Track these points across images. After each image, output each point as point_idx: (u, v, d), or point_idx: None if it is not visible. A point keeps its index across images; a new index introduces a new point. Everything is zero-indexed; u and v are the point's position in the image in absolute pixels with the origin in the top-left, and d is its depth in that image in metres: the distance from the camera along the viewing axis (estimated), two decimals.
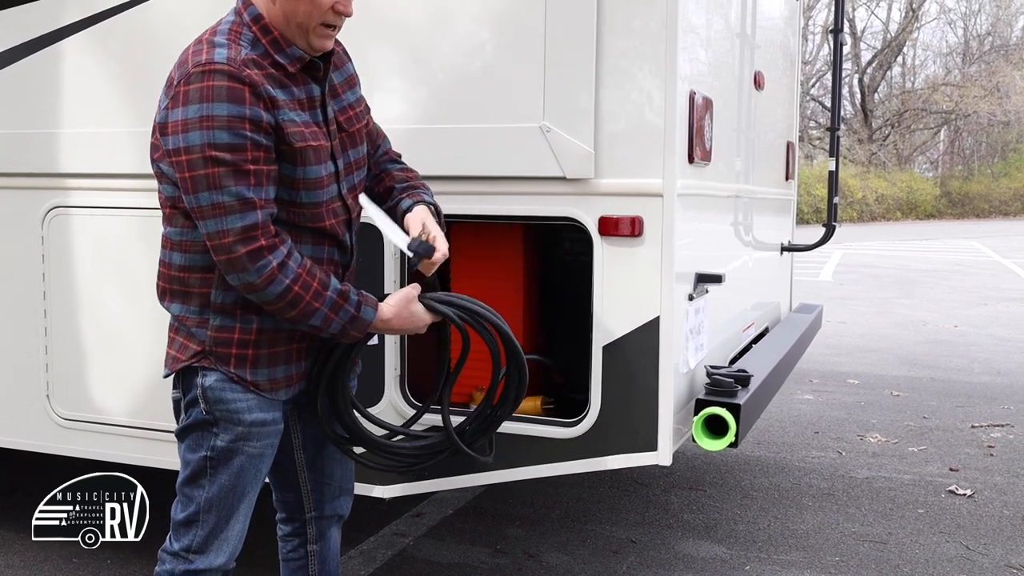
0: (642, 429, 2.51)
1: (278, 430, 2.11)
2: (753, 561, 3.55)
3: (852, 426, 5.58)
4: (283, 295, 1.92)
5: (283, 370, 2.08)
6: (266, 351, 2.05)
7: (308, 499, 2.35)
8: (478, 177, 2.61)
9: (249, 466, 2.07)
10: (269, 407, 2.07)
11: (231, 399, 2.03)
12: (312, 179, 2.00)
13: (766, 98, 3.86)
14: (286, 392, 2.10)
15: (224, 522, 2.08)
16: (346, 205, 2.12)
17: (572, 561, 3.52)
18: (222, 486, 2.06)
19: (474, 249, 3.03)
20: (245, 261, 1.88)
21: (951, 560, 3.58)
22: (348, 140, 2.13)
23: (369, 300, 2.06)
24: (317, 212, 2.04)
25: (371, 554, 3.55)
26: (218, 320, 2.02)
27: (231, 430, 2.04)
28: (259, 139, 1.89)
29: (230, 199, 1.87)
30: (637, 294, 2.50)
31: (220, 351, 2.02)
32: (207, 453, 2.05)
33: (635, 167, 2.49)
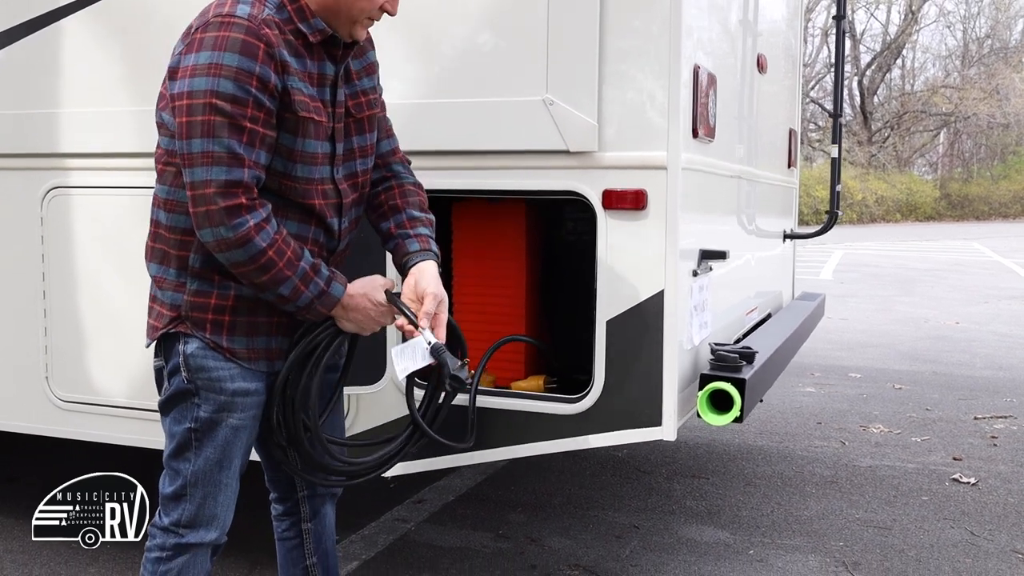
0: (646, 404, 2.49)
1: (260, 401, 2.07)
2: (757, 546, 3.53)
3: (854, 417, 5.56)
4: (256, 258, 1.89)
5: (263, 341, 2.05)
6: (245, 319, 2.02)
7: (300, 478, 2.33)
8: (481, 152, 2.59)
9: (234, 438, 2.04)
10: (251, 377, 2.04)
11: (213, 367, 2.00)
12: (308, 153, 1.98)
13: (769, 83, 3.85)
14: (267, 364, 2.06)
15: (212, 495, 2.05)
16: (338, 189, 2.08)
17: (575, 545, 3.50)
18: (208, 458, 2.03)
19: (477, 228, 3.02)
20: (223, 215, 1.86)
21: (956, 545, 3.56)
22: (355, 126, 2.11)
23: (339, 277, 2.03)
24: (308, 189, 2.01)
25: (372, 539, 3.53)
26: (195, 285, 2.00)
27: (213, 400, 2.01)
28: (263, 99, 1.87)
29: (220, 150, 1.85)
30: (641, 268, 2.48)
31: (196, 316, 2.00)
32: (191, 425, 2.03)
33: (639, 140, 2.47)
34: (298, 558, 2.37)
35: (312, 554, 2.37)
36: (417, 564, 3.31)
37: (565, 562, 3.35)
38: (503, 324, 3.01)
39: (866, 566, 3.35)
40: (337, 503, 2.46)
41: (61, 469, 4.23)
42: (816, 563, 3.37)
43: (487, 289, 3.03)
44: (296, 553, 2.37)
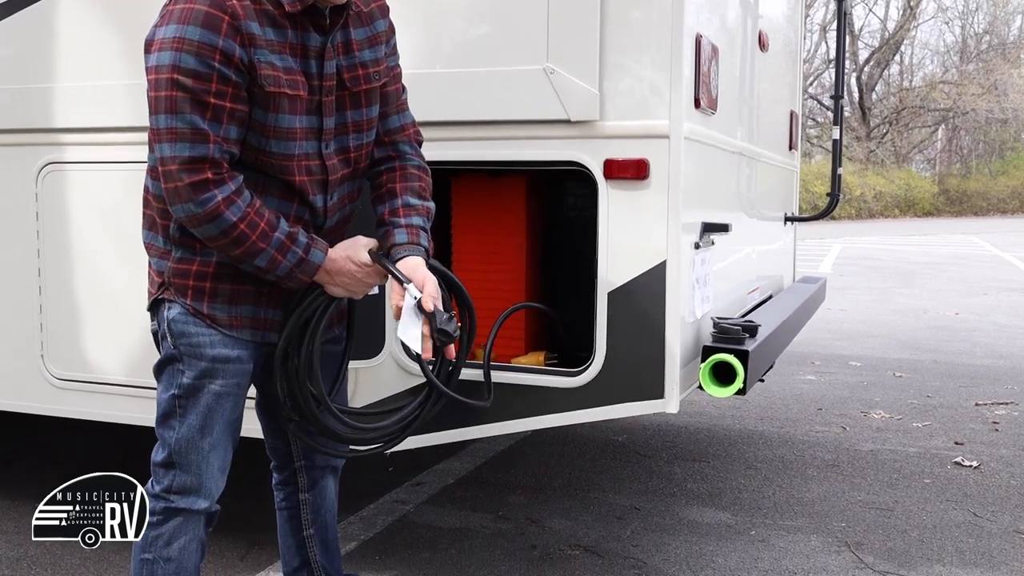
0: (648, 376, 2.47)
1: (245, 370, 2.05)
2: (759, 527, 3.50)
3: (855, 404, 5.54)
4: (227, 231, 1.87)
5: (249, 310, 2.03)
6: (228, 286, 2.00)
7: (296, 447, 2.31)
8: (480, 122, 2.56)
9: (216, 405, 2.02)
10: (234, 344, 2.02)
11: (193, 333, 1.99)
12: (283, 128, 1.93)
13: (770, 62, 3.82)
14: (252, 334, 2.04)
15: (199, 464, 2.03)
16: (325, 166, 2.03)
17: (575, 526, 3.47)
18: (191, 426, 2.01)
19: (476, 204, 2.99)
20: (189, 192, 1.83)
21: (959, 526, 3.54)
22: (350, 99, 2.05)
23: (319, 244, 2.00)
24: (287, 165, 1.97)
25: (371, 520, 3.50)
26: (179, 252, 1.99)
27: (195, 366, 2.00)
28: (227, 73, 1.83)
29: (183, 126, 1.82)
30: (643, 239, 2.45)
31: (178, 282, 1.99)
32: (175, 391, 2.02)
33: (641, 109, 2.44)
34: (295, 528, 2.35)
35: (310, 525, 2.34)
36: (416, 544, 3.29)
37: (566, 542, 3.32)
38: (503, 300, 2.98)
39: (869, 546, 3.33)
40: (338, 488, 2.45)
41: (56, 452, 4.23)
42: (819, 543, 3.35)
43: (487, 265, 3.00)
44: (294, 523, 2.35)
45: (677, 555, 3.22)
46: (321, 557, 2.38)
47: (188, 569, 2.08)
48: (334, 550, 2.42)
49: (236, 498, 2.40)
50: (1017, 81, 34.57)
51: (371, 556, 3.18)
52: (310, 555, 2.37)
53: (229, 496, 2.33)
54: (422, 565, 3.11)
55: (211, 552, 3.11)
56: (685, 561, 3.17)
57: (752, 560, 3.19)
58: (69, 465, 4.22)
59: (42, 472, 4.04)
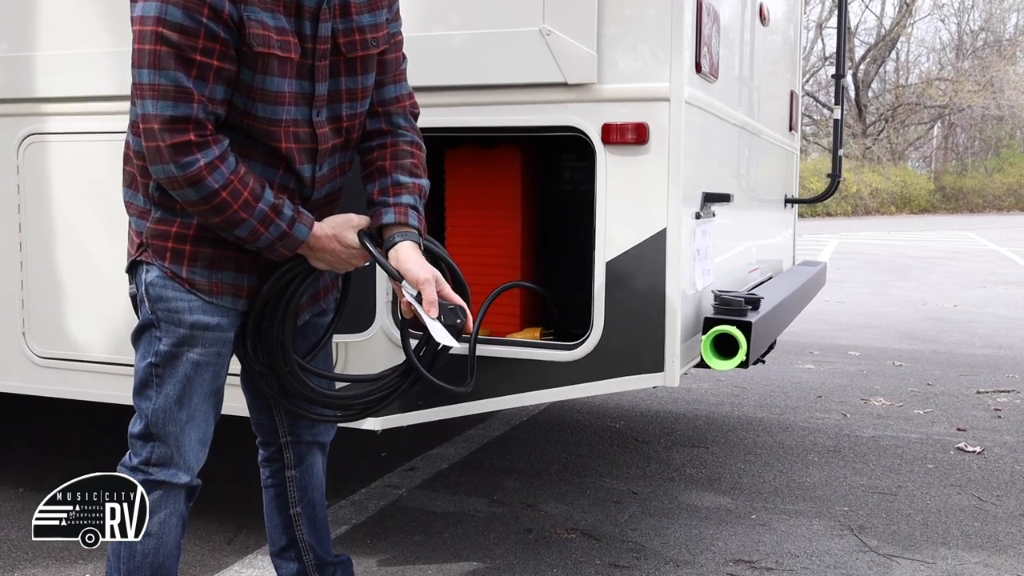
0: (648, 348, 2.38)
1: (225, 338, 1.96)
2: (759, 510, 3.42)
3: (855, 392, 5.46)
4: (208, 198, 1.78)
5: (231, 276, 1.94)
6: (208, 250, 1.91)
7: (282, 422, 2.22)
8: (474, 86, 2.47)
9: (195, 375, 1.93)
10: (213, 311, 1.93)
11: (171, 297, 1.90)
12: (271, 92, 1.84)
13: (770, 37, 3.75)
14: (233, 301, 1.95)
15: (177, 435, 1.95)
16: (315, 134, 1.94)
17: (572, 511, 3.39)
18: (168, 396, 1.93)
19: (470, 176, 2.91)
20: (169, 153, 1.74)
21: (964, 510, 3.46)
22: (345, 66, 1.95)
23: (304, 218, 1.90)
24: (273, 131, 1.88)
25: (362, 504, 3.42)
26: (159, 213, 1.90)
27: (173, 332, 1.91)
28: (215, 29, 1.74)
29: (166, 83, 1.73)
30: (642, 206, 2.37)
31: (156, 244, 1.91)
32: (152, 359, 1.93)
33: (640, 71, 2.36)
34: (282, 506, 2.26)
35: (296, 503, 2.25)
36: (408, 528, 3.20)
37: (562, 526, 3.24)
38: (498, 276, 2.90)
39: (872, 529, 3.25)
40: (326, 469, 2.36)
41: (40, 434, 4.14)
42: (821, 526, 3.27)
43: (481, 239, 2.92)
44: (280, 502, 2.26)
45: (676, 538, 3.14)
46: (309, 536, 2.29)
47: (168, 544, 1.99)
48: (323, 529, 2.33)
49: (224, 480, 2.32)
50: (1013, 78, 34.56)
51: (362, 540, 3.09)
52: (297, 534, 2.28)
53: (217, 478, 2.25)
54: (414, 549, 3.03)
55: (197, 535, 3.04)
56: (684, 544, 3.09)
57: (753, 543, 3.11)
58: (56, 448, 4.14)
59: (34, 453, 3.96)
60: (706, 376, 5.51)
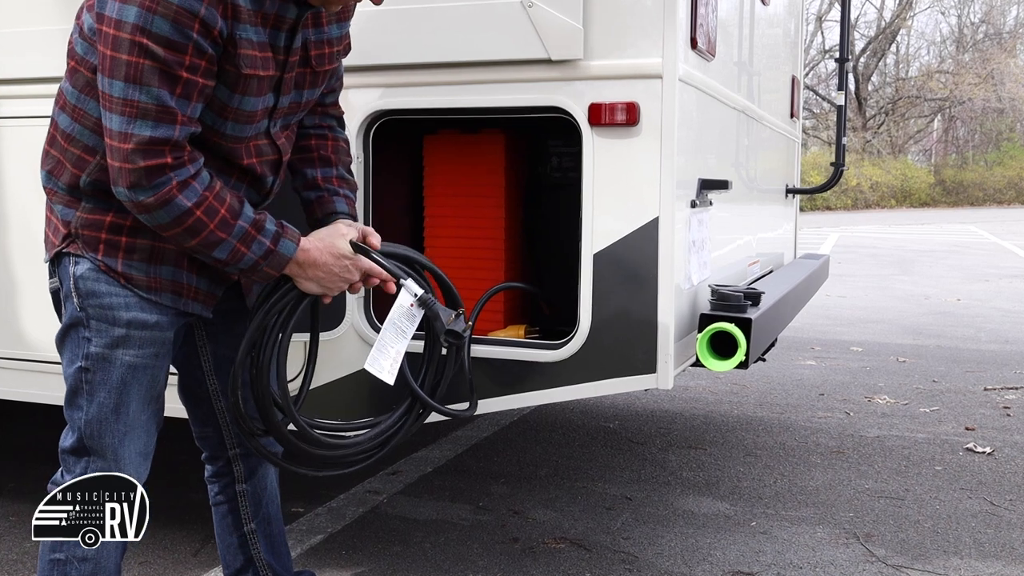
0: (639, 347, 2.19)
1: (164, 338, 1.78)
2: (760, 517, 3.24)
3: (859, 389, 5.28)
4: (181, 219, 1.60)
5: (170, 272, 1.76)
6: (148, 243, 1.73)
7: (228, 433, 2.04)
8: (451, 64, 2.28)
9: (132, 379, 1.74)
10: (151, 308, 1.74)
11: (104, 292, 1.71)
12: (246, 112, 1.69)
13: (771, 19, 3.55)
14: (173, 299, 1.77)
15: (115, 448, 1.76)
16: (276, 145, 1.80)
17: (561, 518, 3.20)
18: (102, 405, 1.74)
19: (451, 163, 2.73)
20: (141, 176, 1.56)
21: (976, 515, 3.27)
22: (309, 78, 1.82)
23: (290, 233, 1.74)
24: (236, 148, 1.73)
25: (340, 511, 3.23)
26: (90, 203, 1.72)
27: (105, 332, 1.72)
28: (204, 46, 1.57)
29: (148, 100, 1.55)
30: (633, 193, 2.18)
31: (88, 234, 1.72)
32: (81, 363, 1.74)
33: (630, 46, 2.16)
34: (234, 524, 2.07)
35: (250, 520, 2.07)
36: (387, 538, 3.01)
37: (550, 535, 3.05)
38: (482, 269, 2.72)
39: (879, 537, 3.07)
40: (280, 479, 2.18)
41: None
42: (825, 534, 3.08)
43: (463, 231, 2.74)
44: (232, 519, 2.07)
45: (672, 548, 2.96)
46: (267, 554, 2.10)
47: (108, 569, 1.81)
48: (281, 545, 2.14)
49: (193, 485, 2.13)
50: (1013, 71, 34.33)
51: (337, 551, 2.91)
52: (254, 553, 2.09)
53: (185, 483, 2.08)
54: (392, 560, 2.84)
55: (161, 545, 2.86)
56: (680, 555, 2.91)
57: (753, 553, 2.93)
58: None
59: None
60: (704, 373, 5.31)
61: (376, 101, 2.33)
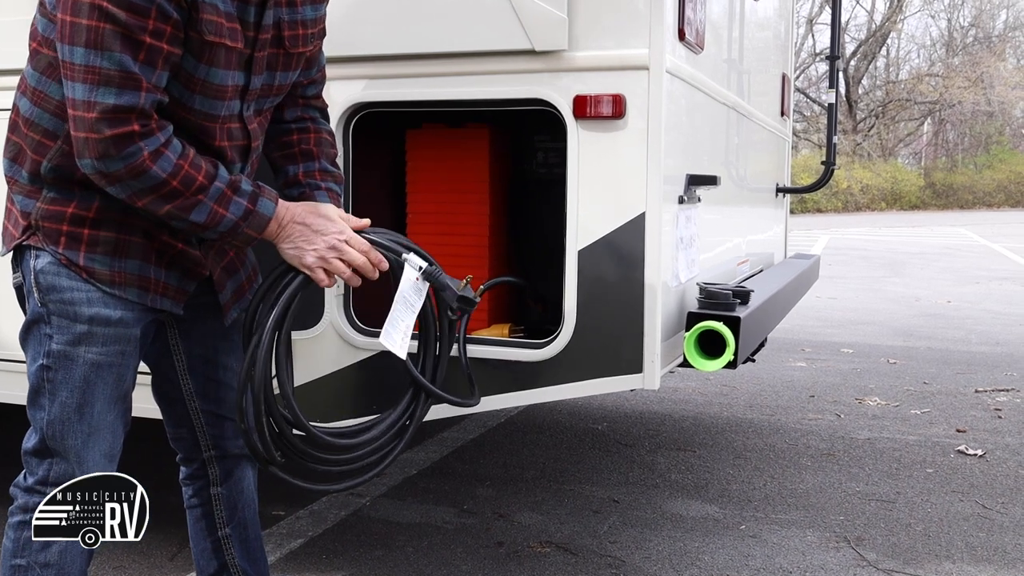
0: (625, 347, 2.13)
1: (129, 335, 1.70)
2: (749, 520, 3.18)
3: (849, 391, 5.23)
4: (156, 188, 1.54)
5: (136, 266, 1.69)
6: (112, 235, 1.66)
7: (203, 435, 1.96)
8: (432, 55, 2.21)
9: (95, 378, 1.67)
10: (116, 304, 1.67)
11: (66, 287, 1.65)
12: (214, 85, 1.62)
13: (761, 15, 3.50)
14: (139, 294, 1.70)
15: (78, 450, 1.69)
16: (247, 130, 1.74)
17: (547, 521, 3.14)
18: (65, 404, 1.67)
19: (435, 158, 2.66)
20: (108, 146, 1.50)
21: (967, 519, 3.23)
22: (283, 60, 1.75)
23: (268, 192, 1.68)
24: (208, 127, 1.66)
25: (322, 515, 3.16)
26: (52, 193, 1.65)
27: (67, 329, 1.65)
28: (168, 9, 1.50)
29: (110, 67, 1.48)
30: (619, 188, 2.12)
31: (49, 227, 1.65)
32: (43, 362, 1.67)
33: (616, 37, 2.10)
34: (209, 528, 2.01)
35: (225, 524, 2.00)
36: (369, 542, 2.95)
37: (536, 539, 2.99)
38: (466, 267, 2.63)
39: (870, 541, 3.02)
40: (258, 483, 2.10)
41: None
42: (815, 538, 3.03)
43: (447, 227, 2.68)
44: (206, 523, 2.01)
45: (659, 552, 2.90)
46: (242, 561, 2.03)
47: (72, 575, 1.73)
48: (257, 551, 2.07)
49: (169, 487, 2.06)
50: (1003, 74, 34.46)
51: (317, 555, 2.84)
52: (228, 559, 2.02)
53: (161, 485, 2.01)
54: (373, 565, 2.77)
55: (136, 549, 2.78)
56: (668, 559, 2.85)
57: (742, 557, 2.87)
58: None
59: None
60: (693, 375, 5.27)
61: (356, 93, 2.27)
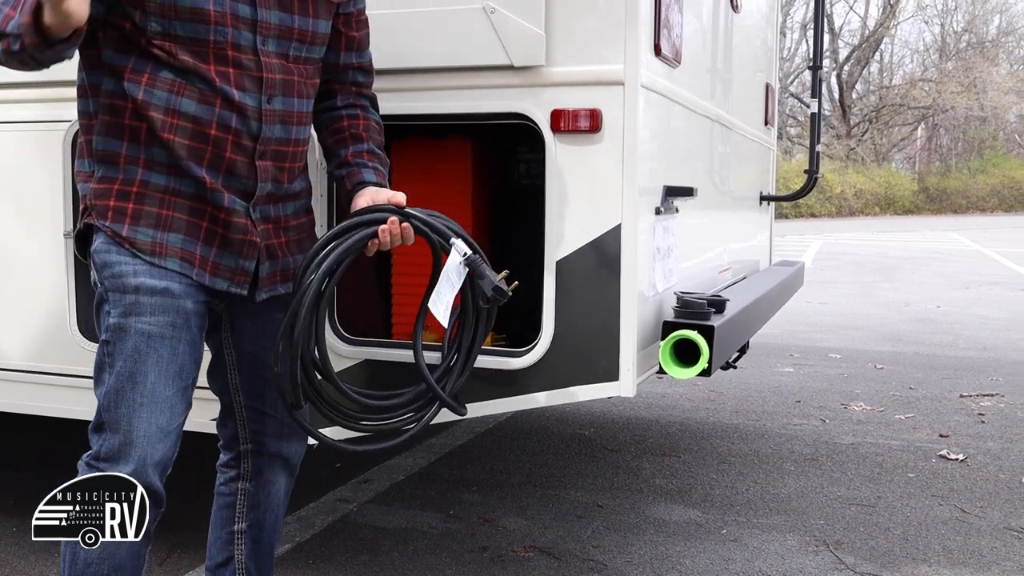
0: (602, 355, 2.18)
1: (179, 307, 1.76)
2: (731, 525, 3.23)
3: (835, 396, 5.29)
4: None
5: (179, 240, 1.77)
6: (155, 210, 1.75)
7: (244, 428, 2.03)
8: (411, 70, 2.27)
9: (147, 349, 1.73)
10: (161, 275, 1.75)
11: (115, 261, 1.74)
12: (186, 7, 1.69)
13: (744, 26, 3.56)
14: (181, 265, 1.76)
15: (129, 419, 1.73)
16: (260, 61, 1.78)
17: (531, 526, 3.19)
18: (119, 374, 1.73)
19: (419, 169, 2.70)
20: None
21: (946, 523, 3.28)
22: (298, 3, 1.83)
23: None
24: (199, 51, 1.71)
25: (309, 520, 3.20)
26: (101, 171, 1.77)
27: (119, 301, 1.74)
28: None
29: None
30: (595, 200, 2.17)
31: (99, 204, 1.76)
32: (104, 336, 1.77)
33: (593, 52, 2.16)
34: (227, 519, 2.07)
35: (242, 519, 2.05)
36: (355, 547, 2.99)
37: (520, 543, 3.04)
38: None
39: (849, 545, 3.06)
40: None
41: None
42: (795, 542, 3.08)
43: None
44: (226, 513, 2.07)
45: (641, 556, 2.94)
46: (249, 560, 2.08)
47: (118, 555, 1.77)
48: (266, 556, 2.11)
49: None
50: (996, 79, 34.59)
51: (304, 560, 2.88)
52: (236, 553, 2.07)
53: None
54: (359, 570, 2.82)
55: None
56: (649, 563, 2.89)
57: (723, 561, 2.92)
58: None
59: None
60: (681, 380, 5.32)
61: None
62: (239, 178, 1.80)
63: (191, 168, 1.75)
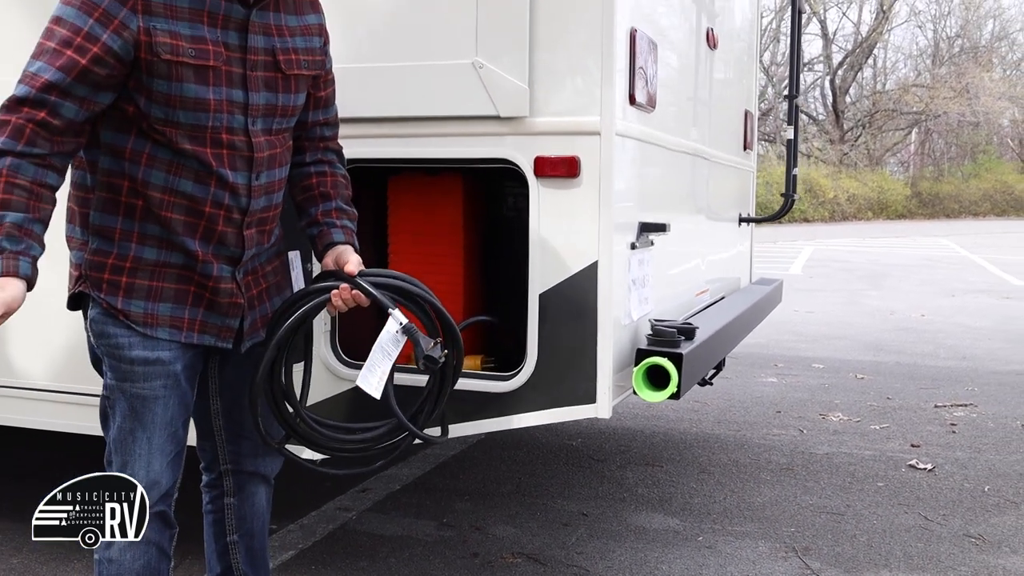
0: (581, 380, 2.40)
1: (170, 371, 1.96)
2: (707, 532, 3.44)
3: (815, 406, 5.50)
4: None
5: (169, 308, 1.94)
6: (146, 283, 1.92)
7: (223, 450, 2.23)
8: (409, 118, 2.48)
9: (142, 408, 1.94)
10: (154, 345, 1.93)
11: (112, 333, 1.92)
12: (190, 98, 1.85)
13: (721, 60, 3.77)
14: (171, 333, 1.94)
15: (131, 465, 1.95)
16: (251, 142, 1.95)
17: (520, 533, 3.40)
18: (120, 428, 1.96)
19: (413, 203, 2.91)
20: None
21: (908, 530, 3.49)
22: (282, 82, 1.99)
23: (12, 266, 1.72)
24: (197, 136, 1.87)
25: (311, 528, 3.41)
26: (96, 243, 1.92)
27: (116, 368, 1.94)
28: (98, 33, 1.75)
29: (30, 70, 1.76)
30: (574, 239, 2.38)
31: (93, 275, 1.92)
32: (105, 393, 1.98)
33: (572, 105, 2.37)
34: (219, 533, 2.27)
35: (233, 531, 2.26)
36: (355, 553, 3.20)
37: (508, 550, 3.25)
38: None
39: (816, 551, 3.28)
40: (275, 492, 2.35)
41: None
42: (766, 549, 3.29)
43: (424, 266, 2.91)
44: (217, 528, 2.27)
45: (621, 562, 3.15)
46: (245, 565, 2.29)
47: (132, 572, 1.99)
48: (261, 560, 2.32)
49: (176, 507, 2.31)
50: (989, 85, 34.85)
51: (307, 566, 3.09)
52: (233, 563, 2.28)
53: None
54: (358, 575, 3.02)
55: None
56: (628, 568, 3.10)
57: (697, 567, 3.13)
58: None
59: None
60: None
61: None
62: (228, 247, 1.97)
63: (184, 242, 1.91)
